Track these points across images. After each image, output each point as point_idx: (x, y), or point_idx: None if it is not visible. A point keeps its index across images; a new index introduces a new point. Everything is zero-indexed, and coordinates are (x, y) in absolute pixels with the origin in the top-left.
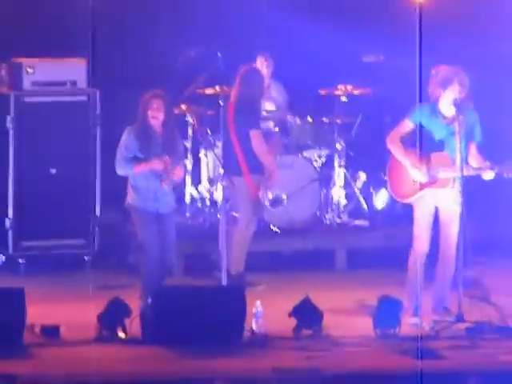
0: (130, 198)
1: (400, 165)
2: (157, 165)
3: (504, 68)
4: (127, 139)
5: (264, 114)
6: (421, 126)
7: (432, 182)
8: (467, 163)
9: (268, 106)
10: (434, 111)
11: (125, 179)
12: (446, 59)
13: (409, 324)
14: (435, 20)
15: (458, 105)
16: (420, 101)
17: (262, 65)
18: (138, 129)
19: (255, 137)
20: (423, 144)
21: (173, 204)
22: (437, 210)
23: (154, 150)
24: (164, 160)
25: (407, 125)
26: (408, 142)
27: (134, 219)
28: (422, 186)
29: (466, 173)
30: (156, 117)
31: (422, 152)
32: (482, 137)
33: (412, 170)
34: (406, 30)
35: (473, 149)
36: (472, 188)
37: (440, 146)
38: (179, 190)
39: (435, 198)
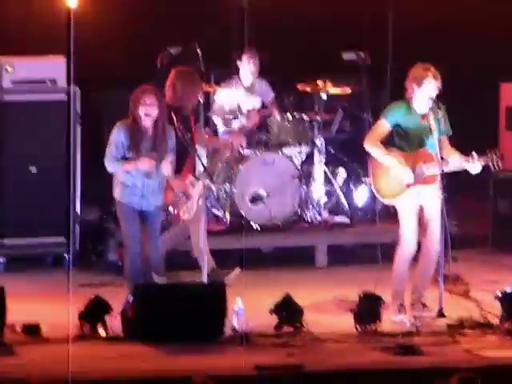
0: (117, 194)
1: (382, 165)
2: (144, 164)
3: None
4: (117, 138)
5: (246, 111)
6: (397, 125)
7: (419, 179)
8: (444, 158)
9: (253, 103)
10: (409, 109)
11: (105, 177)
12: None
13: (393, 321)
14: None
15: (433, 101)
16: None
17: (249, 61)
18: (129, 127)
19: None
20: (401, 142)
21: (159, 202)
22: (420, 207)
23: (144, 149)
24: (152, 157)
25: (384, 125)
26: (386, 141)
27: (119, 214)
28: (409, 185)
29: (452, 168)
30: (149, 114)
31: (403, 151)
32: (451, 130)
33: (399, 170)
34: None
35: (446, 143)
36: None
37: (419, 143)
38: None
39: (419, 195)
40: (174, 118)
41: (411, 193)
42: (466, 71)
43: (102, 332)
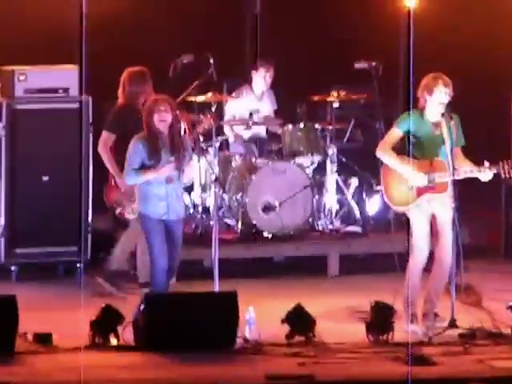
0: (140, 207)
1: (394, 173)
2: (164, 171)
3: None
4: (135, 150)
5: (255, 120)
6: (410, 134)
7: (430, 187)
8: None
9: (264, 112)
10: (422, 118)
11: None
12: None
13: (406, 331)
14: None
15: (445, 109)
16: (410, 107)
17: (265, 73)
18: (146, 139)
19: (101, 138)
20: (414, 151)
21: (182, 213)
22: (432, 216)
23: (163, 158)
24: (171, 161)
25: (396, 133)
26: (398, 150)
27: (144, 229)
28: (420, 193)
29: (463, 175)
30: (164, 119)
31: (415, 159)
32: (465, 141)
33: (411, 176)
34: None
35: (459, 153)
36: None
37: (431, 151)
38: None
39: (430, 204)
40: (186, 126)
41: (423, 201)
42: (478, 82)
43: (113, 341)
